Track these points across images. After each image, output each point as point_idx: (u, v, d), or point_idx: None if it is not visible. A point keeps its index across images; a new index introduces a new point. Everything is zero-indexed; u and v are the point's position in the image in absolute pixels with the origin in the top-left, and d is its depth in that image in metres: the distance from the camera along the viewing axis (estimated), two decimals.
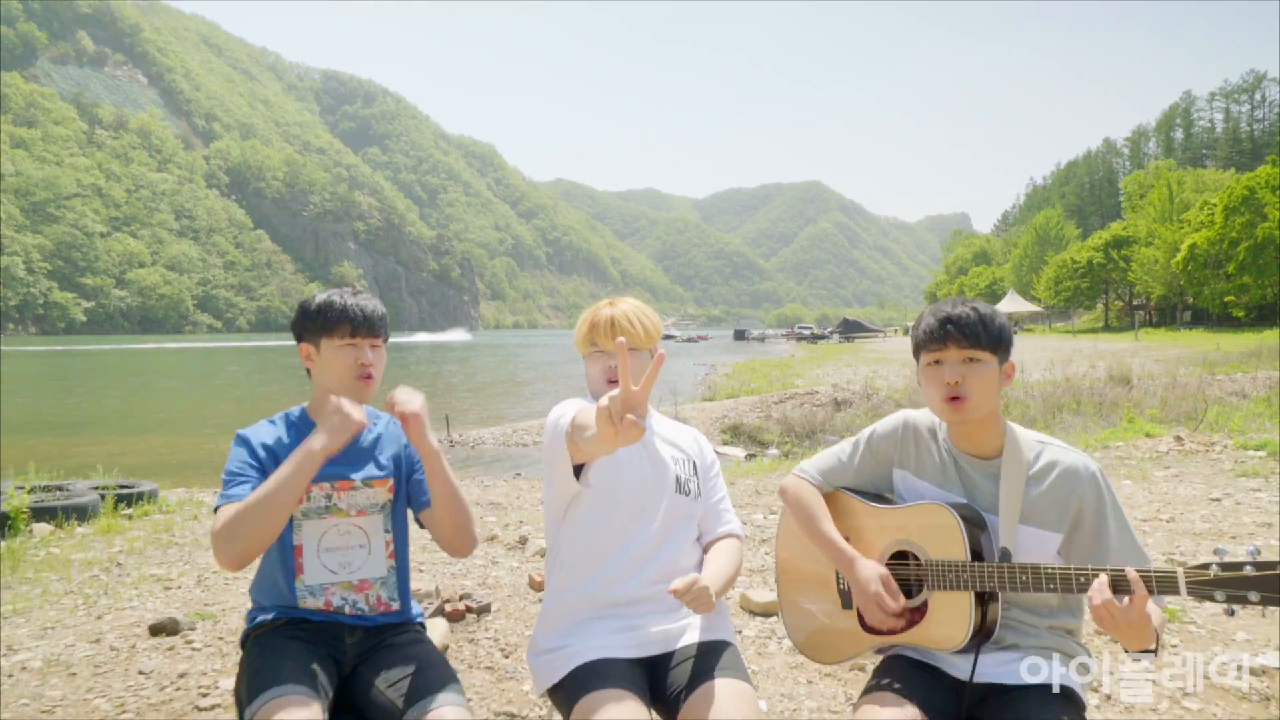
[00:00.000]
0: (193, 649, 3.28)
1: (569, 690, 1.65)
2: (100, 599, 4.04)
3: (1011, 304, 74.78)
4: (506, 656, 3.22)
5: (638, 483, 1.80)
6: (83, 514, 6.06)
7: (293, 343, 1.87)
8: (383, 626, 1.80)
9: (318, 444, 1.65)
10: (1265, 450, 7.59)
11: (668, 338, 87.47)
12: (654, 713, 1.70)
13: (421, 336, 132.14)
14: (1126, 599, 1.37)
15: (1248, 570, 1.28)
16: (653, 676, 1.74)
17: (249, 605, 1.82)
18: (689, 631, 1.78)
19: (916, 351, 1.68)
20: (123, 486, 6.81)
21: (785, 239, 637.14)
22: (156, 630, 3.45)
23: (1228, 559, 1.32)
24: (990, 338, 1.60)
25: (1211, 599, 1.32)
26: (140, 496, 6.70)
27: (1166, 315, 63.81)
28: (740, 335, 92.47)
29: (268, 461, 1.75)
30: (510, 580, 4.29)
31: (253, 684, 1.55)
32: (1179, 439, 8.49)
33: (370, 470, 1.84)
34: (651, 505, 1.81)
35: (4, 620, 3.68)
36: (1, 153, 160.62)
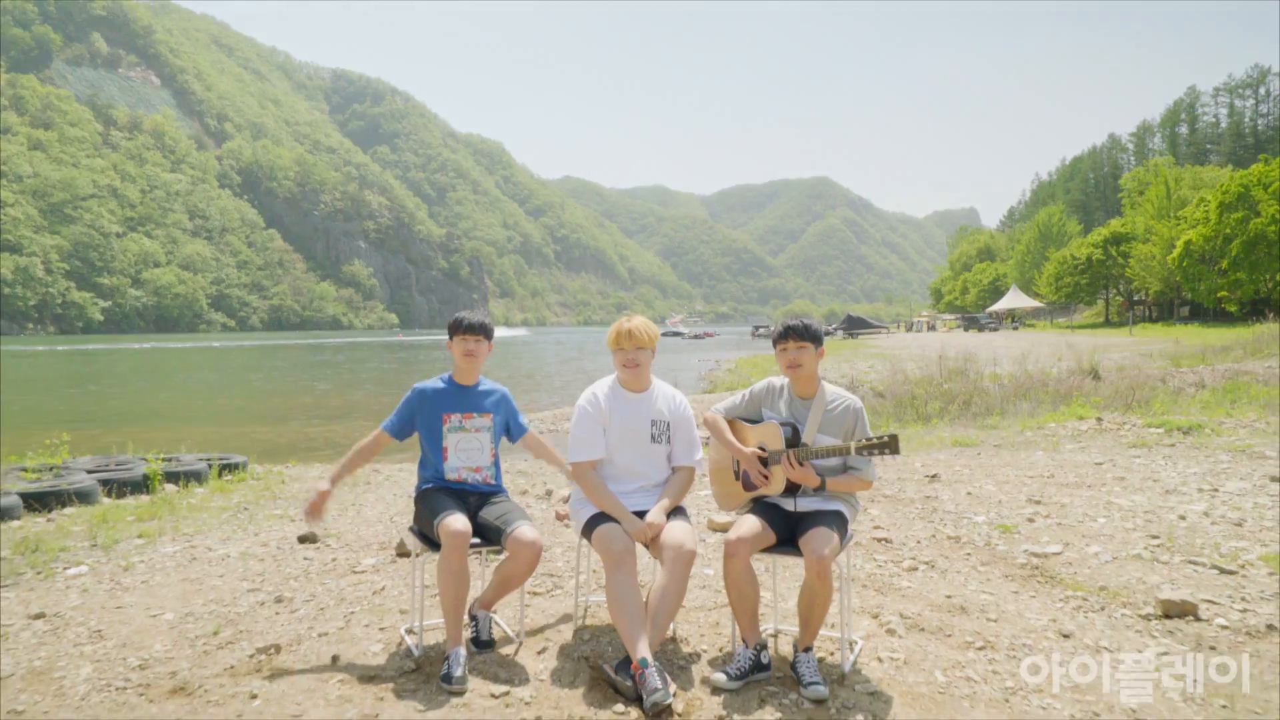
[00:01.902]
0: (332, 550, 4.84)
1: (590, 526, 3.17)
2: (248, 525, 5.60)
3: (1014, 300, 75.84)
4: (545, 551, 4.75)
5: (623, 439, 3.29)
6: (198, 478, 7.64)
7: (305, 341, 3.57)
8: (487, 493, 3.35)
9: (322, 486, 3.28)
10: (1163, 428, 9.06)
11: (675, 334, 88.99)
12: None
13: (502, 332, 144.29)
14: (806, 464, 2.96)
15: (875, 440, 2.81)
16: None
17: (372, 520, 3.38)
18: (649, 514, 3.29)
19: (774, 344, 3.19)
20: (221, 458, 8.38)
21: (793, 235, 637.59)
22: (303, 539, 5.01)
23: (870, 436, 2.84)
24: (810, 336, 3.12)
25: (864, 455, 2.85)
26: (235, 466, 8.28)
27: (1165, 310, 64.92)
28: (757, 331, 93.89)
29: (426, 400, 3.31)
30: (541, 515, 5.83)
31: (431, 511, 3.10)
32: (1099, 420, 9.96)
33: (482, 409, 3.39)
34: (632, 451, 3.31)
35: (189, 537, 5.24)
36: (20, 154, 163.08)
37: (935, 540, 4.82)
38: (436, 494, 3.24)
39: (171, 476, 7.47)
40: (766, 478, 3.09)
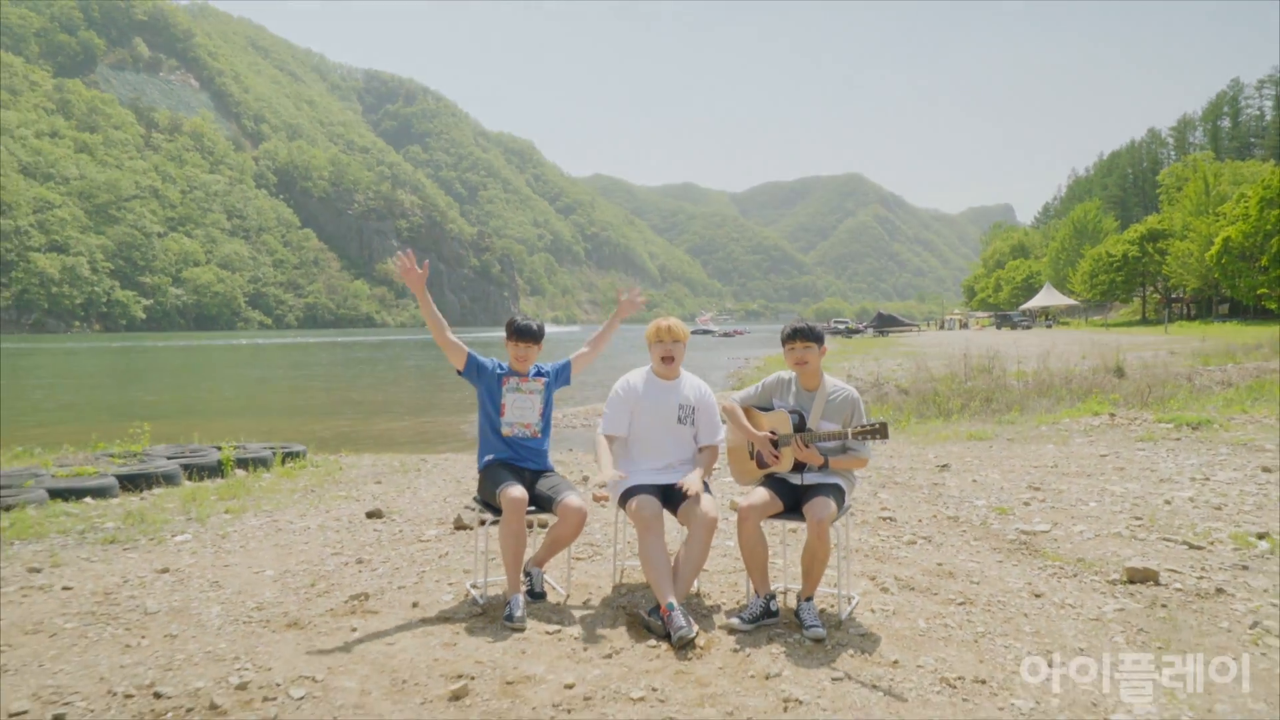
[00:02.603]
0: (398, 524, 5.47)
1: (625, 497, 3.75)
2: (318, 504, 6.27)
3: (1047, 297, 75.06)
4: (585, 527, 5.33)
5: (654, 420, 3.88)
6: (264, 464, 8.36)
7: (343, 339, 4.21)
8: (539, 469, 3.94)
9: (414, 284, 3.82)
10: (1173, 423, 9.41)
11: (705, 332, 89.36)
12: (667, 511, 3.77)
13: (553, 329, 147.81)
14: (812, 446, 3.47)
15: (868, 426, 3.35)
16: (665, 495, 3.81)
17: (428, 501, 3.99)
18: (683, 476, 3.86)
19: (783, 344, 3.74)
20: (283, 447, 9.10)
21: (824, 232, 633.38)
22: (371, 514, 5.66)
23: (862, 423, 3.38)
24: (814, 337, 3.66)
25: (859, 439, 3.39)
26: (296, 454, 8.99)
27: (1204, 308, 63.94)
28: None
29: (483, 366, 3.93)
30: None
31: (494, 483, 3.70)
32: (1112, 415, 10.32)
33: (534, 375, 3.97)
34: (662, 430, 3.89)
35: (270, 513, 5.91)
36: (68, 157, 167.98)
37: (936, 520, 5.33)
38: (498, 469, 3.83)
39: (241, 462, 8.20)
40: (777, 457, 3.65)
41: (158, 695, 2.73)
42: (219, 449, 8.46)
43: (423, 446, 12.73)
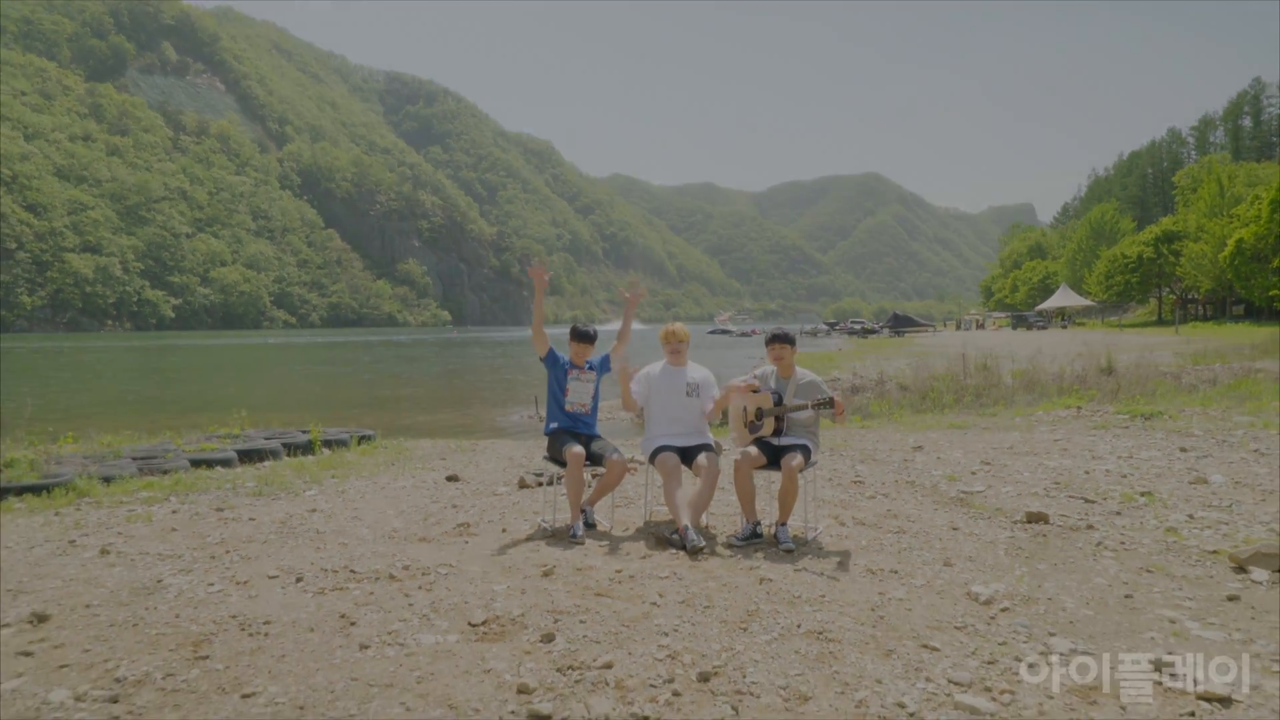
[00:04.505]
0: (473, 485, 6.95)
1: (653, 455, 5.19)
2: (403, 472, 7.76)
3: (1063, 298, 75.69)
4: (621, 485, 6.77)
5: (669, 395, 5.32)
6: (344, 444, 9.88)
7: (373, 338, 5.69)
8: (590, 435, 5.39)
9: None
10: (1129, 414, 10.70)
11: (723, 332, 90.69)
12: (684, 467, 5.21)
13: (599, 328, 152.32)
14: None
15: (821, 400, 4.77)
16: (683, 453, 5.25)
17: (491, 471, 5.52)
18: (694, 440, 5.30)
19: (766, 345, 5.17)
20: (357, 431, 10.62)
21: (843, 232, 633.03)
22: (450, 478, 7.14)
23: (819, 396, 4.81)
24: (788, 341, 5.10)
25: (817, 408, 4.81)
26: (367, 437, 10.51)
27: (1219, 308, 64.45)
28: (807, 331, 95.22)
29: (558, 358, 5.37)
30: None
31: (560, 443, 5.17)
32: (1079, 408, 11.62)
33: (590, 368, 5.42)
34: (675, 402, 5.33)
35: (368, 478, 7.41)
36: (100, 160, 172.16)
37: (896, 483, 6.73)
38: (562, 434, 5.29)
39: (325, 443, 9.72)
40: (761, 425, 5.08)
41: (353, 571, 4.21)
42: (306, 432, 10.00)
43: (465, 435, 14.21)
